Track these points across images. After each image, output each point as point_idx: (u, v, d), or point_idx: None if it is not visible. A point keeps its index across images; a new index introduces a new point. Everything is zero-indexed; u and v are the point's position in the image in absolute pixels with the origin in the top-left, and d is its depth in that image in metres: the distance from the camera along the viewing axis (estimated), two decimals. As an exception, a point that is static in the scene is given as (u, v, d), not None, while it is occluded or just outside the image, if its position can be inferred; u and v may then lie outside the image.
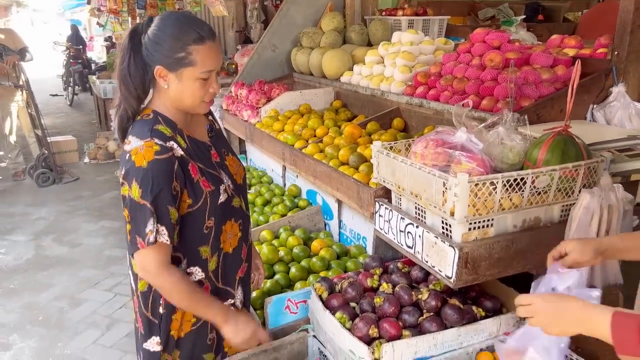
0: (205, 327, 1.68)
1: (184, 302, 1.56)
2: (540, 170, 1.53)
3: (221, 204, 1.57)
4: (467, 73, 2.44)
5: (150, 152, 1.43)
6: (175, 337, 1.65)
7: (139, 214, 1.43)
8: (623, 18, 2.17)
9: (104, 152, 7.13)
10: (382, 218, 1.88)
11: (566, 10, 4.77)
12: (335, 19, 3.83)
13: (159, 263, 1.47)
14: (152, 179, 1.42)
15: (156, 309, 1.61)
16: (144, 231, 1.44)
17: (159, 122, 1.51)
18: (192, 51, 1.45)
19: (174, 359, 1.68)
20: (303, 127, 2.94)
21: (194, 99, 1.51)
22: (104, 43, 15.38)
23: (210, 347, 1.74)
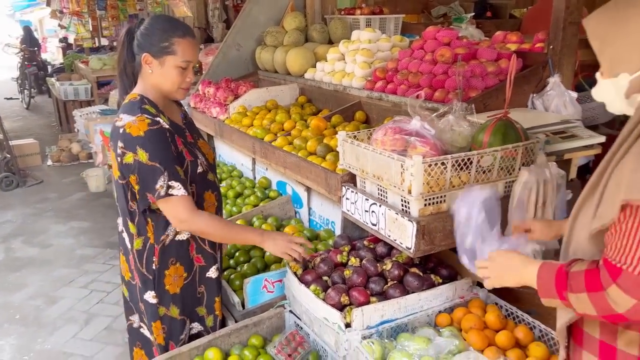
0: (194, 281, 1.95)
1: (221, 236, 1.89)
2: (485, 151, 1.76)
3: (200, 174, 1.87)
4: (420, 68, 2.66)
5: (143, 124, 1.72)
6: (170, 292, 1.91)
7: (149, 173, 1.70)
8: (556, 16, 2.42)
9: (67, 155, 7.09)
10: (349, 201, 2.08)
11: (512, 7, 5.09)
12: (297, 18, 4.00)
13: (187, 210, 1.75)
14: (153, 144, 1.71)
15: (150, 266, 1.87)
16: (154, 187, 1.71)
17: (145, 103, 1.79)
18: (175, 42, 1.75)
19: (174, 314, 1.92)
20: (271, 121, 3.11)
21: (172, 84, 1.81)
22: (59, 44, 15.08)
23: (201, 301, 2.00)
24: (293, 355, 1.88)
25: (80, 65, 8.50)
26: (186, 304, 1.96)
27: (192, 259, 1.95)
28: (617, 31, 1.12)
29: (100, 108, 6.43)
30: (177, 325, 1.96)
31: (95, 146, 5.35)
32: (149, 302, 1.90)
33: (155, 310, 1.90)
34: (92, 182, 5.83)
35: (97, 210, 5.29)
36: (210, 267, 2.00)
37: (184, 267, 1.92)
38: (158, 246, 1.86)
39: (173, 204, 1.74)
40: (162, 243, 1.86)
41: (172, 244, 1.88)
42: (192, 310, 2.00)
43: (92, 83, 7.65)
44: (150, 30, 1.77)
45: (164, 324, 1.94)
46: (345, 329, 1.73)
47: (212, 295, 2.03)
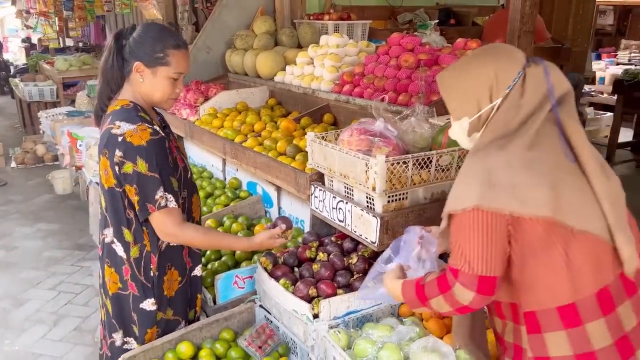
0: (187, 284, 2.00)
1: (209, 244, 2.02)
2: (444, 151, 1.87)
3: (189, 179, 1.94)
4: (385, 72, 2.78)
5: (145, 133, 1.73)
6: (168, 296, 1.94)
7: (149, 184, 1.72)
8: (512, 25, 2.58)
9: (32, 156, 6.96)
10: (317, 199, 2.17)
11: (475, 15, 5.28)
12: (267, 22, 4.09)
13: (174, 223, 1.78)
14: (154, 155, 1.72)
15: (148, 273, 1.88)
16: (154, 198, 1.73)
17: (139, 111, 1.81)
18: (170, 54, 1.77)
19: (168, 316, 1.96)
20: (242, 123, 3.18)
21: (162, 95, 1.83)
22: (22, 44, 14.75)
23: (192, 304, 2.06)
24: (263, 347, 1.96)
25: (45, 66, 8.36)
26: (180, 305, 2.00)
27: (185, 263, 1.99)
28: (457, 85, 1.38)
29: (67, 109, 6.35)
30: (171, 325, 2.00)
31: (62, 148, 5.29)
32: (146, 310, 1.90)
33: (153, 316, 1.91)
34: (59, 184, 5.75)
35: (64, 213, 5.23)
36: (196, 267, 2.04)
37: (178, 271, 1.95)
38: (155, 254, 1.86)
39: (165, 216, 1.76)
40: (159, 249, 1.87)
41: (167, 249, 1.90)
42: (185, 312, 2.04)
43: (58, 84, 7.53)
44: (144, 38, 1.77)
45: (159, 327, 1.96)
46: (313, 319, 1.82)
47: (195, 292, 2.07)
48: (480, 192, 1.21)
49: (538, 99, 1.29)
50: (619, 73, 7.15)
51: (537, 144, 1.26)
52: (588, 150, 1.27)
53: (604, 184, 1.25)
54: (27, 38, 14.39)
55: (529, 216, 1.20)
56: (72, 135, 4.51)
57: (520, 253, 1.24)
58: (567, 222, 1.20)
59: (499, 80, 1.32)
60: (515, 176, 1.21)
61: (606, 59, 9.42)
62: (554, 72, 1.32)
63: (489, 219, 1.21)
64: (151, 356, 1.92)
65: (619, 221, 1.24)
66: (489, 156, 1.26)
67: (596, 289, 1.23)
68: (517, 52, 1.36)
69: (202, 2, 6.45)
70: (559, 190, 1.21)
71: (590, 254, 1.23)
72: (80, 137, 4.36)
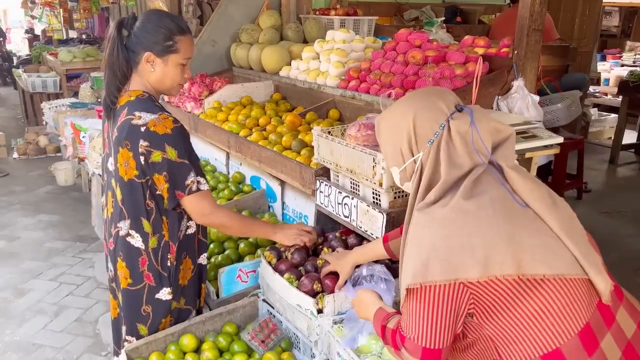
0: (197, 275, 2.02)
1: (239, 230, 2.01)
2: (451, 148, 1.86)
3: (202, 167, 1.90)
4: (392, 68, 2.76)
5: (169, 121, 1.73)
6: (182, 285, 1.97)
7: (179, 170, 1.74)
8: (521, 22, 2.56)
9: (34, 148, 6.96)
10: (323, 194, 2.16)
11: (481, 13, 5.26)
12: (273, 16, 4.07)
13: (211, 205, 1.83)
14: (182, 141, 1.75)
15: (165, 263, 1.89)
16: (184, 184, 1.75)
17: (153, 101, 1.82)
18: (178, 40, 1.77)
19: (181, 305, 1.99)
20: (246, 117, 3.17)
21: (173, 82, 1.84)
22: (25, 35, 14.73)
23: (199, 293, 2.08)
24: (266, 341, 1.96)
25: (49, 57, 8.35)
26: (192, 295, 2.03)
27: (196, 252, 2.01)
28: (384, 133, 1.38)
29: (70, 101, 6.34)
30: (183, 315, 2.01)
31: (65, 139, 5.28)
32: (162, 300, 1.92)
33: (168, 306, 1.93)
34: (61, 175, 5.75)
35: (66, 204, 5.23)
36: (202, 254, 2.06)
37: (191, 260, 1.98)
38: (175, 243, 1.88)
39: (200, 198, 1.80)
40: (178, 239, 1.89)
41: (184, 239, 1.93)
42: (194, 300, 2.07)
43: (61, 75, 7.52)
44: (150, 27, 1.75)
45: (173, 316, 1.98)
46: (318, 314, 1.81)
47: (200, 282, 2.09)
48: (426, 265, 1.15)
49: (468, 152, 1.25)
50: (624, 75, 7.13)
51: (482, 196, 1.20)
52: (530, 193, 1.22)
53: (557, 219, 1.20)
54: (31, 29, 14.38)
55: (489, 279, 1.14)
56: (75, 126, 4.50)
57: (487, 311, 1.18)
58: (535, 272, 1.14)
59: (417, 134, 1.28)
60: (464, 238, 1.15)
61: (611, 60, 9.40)
62: (483, 120, 1.27)
63: (437, 292, 1.15)
64: (154, 348, 1.92)
65: (586, 253, 1.19)
66: (434, 220, 1.21)
67: (578, 327, 1.17)
68: (442, 102, 1.29)
69: (207, -5, 6.43)
70: (517, 240, 1.15)
71: (566, 295, 1.17)
72: (83, 129, 4.35)
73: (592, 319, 1.19)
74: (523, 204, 1.22)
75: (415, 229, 1.24)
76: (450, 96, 1.33)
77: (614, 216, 4.80)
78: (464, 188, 1.22)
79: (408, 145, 1.30)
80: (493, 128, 1.28)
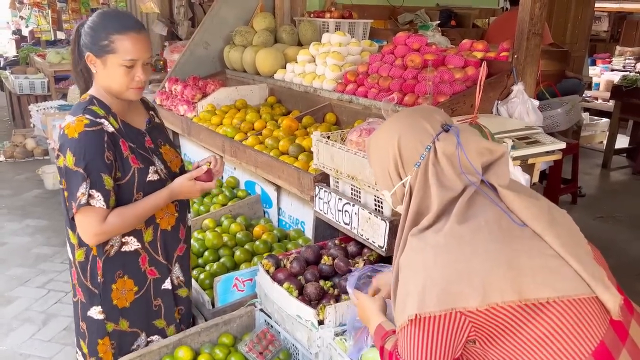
0: (149, 293, 1.83)
1: (136, 222, 1.71)
2: (455, 154, 1.82)
3: (151, 182, 1.73)
4: (391, 72, 2.72)
5: (80, 124, 1.60)
6: (119, 307, 1.79)
7: (73, 179, 1.59)
8: (521, 27, 2.53)
9: (21, 150, 6.81)
10: (322, 200, 2.11)
11: (475, 17, 5.25)
12: (267, 19, 4.01)
13: (97, 224, 1.61)
14: (84, 148, 1.58)
15: (95, 279, 1.74)
16: (76, 195, 1.58)
17: (93, 104, 1.68)
18: (115, 40, 1.60)
19: (123, 328, 1.81)
20: (241, 120, 3.11)
21: (119, 85, 1.66)
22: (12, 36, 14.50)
23: (159, 314, 1.89)
24: (264, 353, 1.89)
25: (37, 58, 8.20)
26: (139, 318, 1.84)
27: (145, 272, 1.81)
28: (372, 157, 1.34)
29: (58, 103, 6.23)
30: (127, 338, 1.84)
31: (53, 142, 5.18)
32: (93, 319, 1.77)
33: (102, 326, 1.78)
34: (49, 179, 5.63)
35: (54, 208, 5.11)
36: (165, 280, 1.87)
37: (133, 281, 1.79)
38: (101, 258, 1.72)
39: (89, 216, 1.60)
40: (106, 254, 1.72)
41: (117, 255, 1.75)
42: (148, 324, 1.88)
43: (49, 77, 7.38)
44: (91, 27, 1.64)
45: (112, 339, 1.81)
46: (319, 326, 1.75)
47: (171, 306, 1.91)
48: (422, 295, 1.10)
49: (457, 174, 1.20)
50: (615, 79, 7.16)
51: (476, 219, 1.15)
52: (526, 210, 1.17)
53: (557, 236, 1.15)
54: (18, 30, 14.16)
55: (490, 307, 1.08)
56: (64, 129, 4.40)
57: (490, 337, 1.13)
58: (539, 295, 1.09)
59: (403, 157, 1.24)
60: (461, 266, 1.10)
61: (601, 64, 9.45)
62: (472, 140, 1.22)
63: (434, 322, 1.10)
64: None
65: (590, 270, 1.14)
66: (428, 247, 1.15)
67: (592, 347, 1.11)
68: (427, 122, 1.24)
69: (199, -3, 6.36)
70: (517, 263, 1.10)
71: (575, 315, 1.11)
72: (72, 132, 4.25)
73: (606, 337, 1.14)
74: (520, 223, 1.17)
75: (410, 256, 1.18)
76: (436, 115, 1.28)
77: (609, 221, 4.80)
78: (457, 211, 1.17)
79: (395, 168, 1.26)
80: (483, 148, 1.23)
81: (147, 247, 1.80)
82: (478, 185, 1.20)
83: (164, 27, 6.58)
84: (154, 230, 1.80)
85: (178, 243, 1.89)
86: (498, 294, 1.08)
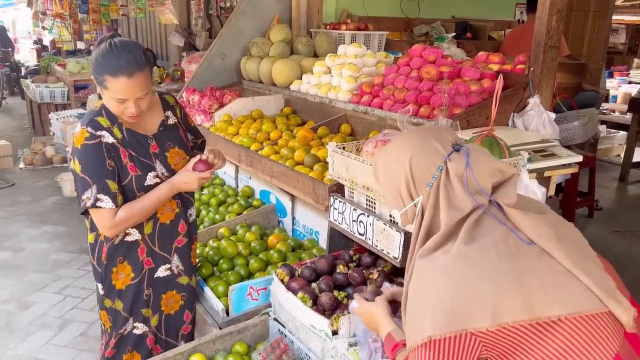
0: (142, 283, 2.05)
1: (145, 215, 1.95)
2: (471, 166, 1.82)
3: (148, 186, 1.93)
4: (406, 84, 2.73)
5: (81, 138, 1.81)
6: (117, 288, 2.04)
7: (79, 184, 1.84)
8: (537, 39, 2.53)
9: (40, 158, 6.94)
10: (337, 210, 2.12)
11: (491, 29, 5.25)
12: (283, 30, 4.06)
13: (108, 220, 1.86)
14: (86, 159, 1.81)
15: (100, 259, 2.01)
16: (82, 198, 1.84)
17: (101, 115, 1.88)
18: (107, 80, 1.76)
19: (117, 307, 2.04)
20: (257, 131, 3.14)
21: (114, 111, 1.87)
22: (34, 46, 14.81)
23: (147, 303, 2.10)
24: (278, 362, 1.90)
25: (57, 67, 8.37)
26: (131, 303, 2.07)
27: (142, 262, 2.04)
28: (382, 177, 1.33)
29: (77, 112, 6.35)
30: (120, 319, 2.08)
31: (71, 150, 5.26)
32: (98, 292, 2.09)
33: (102, 300, 2.06)
34: (67, 186, 5.72)
35: (71, 215, 5.19)
36: (159, 267, 2.09)
37: (131, 267, 2.02)
38: (107, 244, 1.98)
39: (100, 215, 1.86)
40: (111, 242, 1.97)
41: (121, 244, 1.99)
42: (137, 311, 2.09)
43: (69, 86, 7.53)
44: (94, 60, 1.80)
45: (109, 314, 2.08)
46: (333, 336, 1.76)
47: (158, 294, 2.12)
48: (433, 317, 1.10)
49: (467, 194, 1.20)
50: (632, 92, 7.09)
51: (484, 239, 1.16)
52: (533, 228, 1.17)
53: (566, 252, 1.14)
54: (39, 40, 14.47)
55: (501, 326, 1.08)
56: (83, 137, 4.48)
57: (503, 356, 1.13)
58: (550, 314, 1.09)
59: (415, 178, 1.23)
60: (470, 287, 1.10)
61: (618, 77, 9.37)
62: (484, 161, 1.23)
63: (445, 344, 1.10)
64: (163, 368, 1.87)
65: (601, 284, 1.13)
66: (436, 269, 1.15)
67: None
68: (438, 142, 1.24)
69: (216, 9, 6.45)
70: (526, 282, 1.10)
71: (588, 331, 1.10)
72: (91, 140, 4.32)
73: (622, 350, 1.13)
74: (528, 241, 1.17)
75: (419, 279, 1.19)
76: (447, 135, 1.28)
77: (627, 235, 4.73)
78: (464, 232, 1.17)
79: (407, 189, 1.26)
80: (495, 169, 1.24)
81: (146, 239, 2.03)
82: (486, 207, 1.21)
83: (180, 38, 6.69)
84: (154, 223, 2.03)
85: (177, 236, 2.11)
86: (508, 314, 1.08)
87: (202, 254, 2.61)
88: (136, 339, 2.12)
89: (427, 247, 1.20)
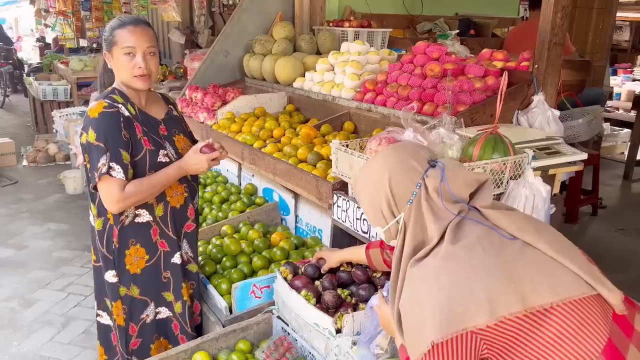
0: (158, 264, 2.03)
1: (154, 191, 1.93)
2: (476, 164, 1.81)
3: (160, 163, 1.95)
4: (410, 81, 2.72)
5: (100, 106, 1.86)
6: (131, 272, 2.01)
7: (94, 153, 1.83)
8: (542, 36, 2.52)
9: (43, 155, 6.95)
10: (340, 208, 2.11)
11: (494, 26, 5.21)
12: (286, 28, 4.05)
13: (117, 192, 1.84)
14: (103, 125, 1.83)
15: (110, 246, 1.98)
16: (97, 166, 1.82)
17: (114, 93, 1.95)
18: (115, 34, 1.90)
19: (133, 294, 2.01)
20: (260, 128, 3.14)
21: (125, 72, 1.91)
22: (36, 44, 14.81)
23: (167, 286, 2.07)
24: (281, 360, 1.90)
25: (60, 65, 8.37)
26: (149, 286, 2.04)
27: (156, 243, 2.03)
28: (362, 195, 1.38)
29: (80, 109, 6.34)
30: (138, 305, 2.05)
31: (75, 147, 5.27)
32: (109, 282, 2.02)
33: (116, 289, 2.01)
34: (70, 184, 5.73)
35: (74, 213, 5.20)
36: (175, 254, 2.07)
37: (145, 249, 2.01)
38: (117, 227, 1.96)
39: (110, 184, 1.83)
40: (121, 224, 1.96)
41: (131, 225, 1.98)
42: (157, 294, 2.07)
43: (72, 84, 7.53)
44: (103, 32, 1.96)
45: (124, 304, 2.03)
46: (336, 334, 1.75)
47: (179, 281, 2.09)
48: (432, 322, 1.12)
49: (446, 207, 1.26)
50: (636, 89, 7.06)
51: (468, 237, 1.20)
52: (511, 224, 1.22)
53: (547, 242, 1.19)
54: (42, 37, 14.47)
55: (498, 320, 1.11)
56: (86, 135, 4.47)
57: (503, 353, 1.15)
58: (542, 302, 1.11)
59: (395, 195, 1.29)
60: (463, 285, 1.13)
61: (622, 74, 9.33)
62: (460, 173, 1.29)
63: (448, 346, 1.11)
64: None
65: (586, 269, 1.16)
66: (428, 273, 1.19)
67: (601, 345, 1.13)
68: (414, 160, 1.31)
69: (219, 6, 6.44)
70: (515, 274, 1.14)
71: (579, 316, 1.13)
72: (94, 138, 4.32)
73: (612, 333, 1.15)
74: (510, 237, 1.22)
75: (412, 287, 1.22)
76: (422, 152, 1.35)
77: (631, 233, 4.71)
78: (449, 234, 1.22)
79: (388, 207, 1.31)
80: (471, 179, 1.31)
81: (158, 221, 2.02)
82: (465, 212, 1.27)
83: (181, 35, 6.68)
84: (165, 206, 2.02)
85: (187, 220, 2.12)
86: (503, 307, 1.11)
87: (205, 252, 2.61)
88: (160, 324, 2.09)
89: (417, 256, 1.24)
